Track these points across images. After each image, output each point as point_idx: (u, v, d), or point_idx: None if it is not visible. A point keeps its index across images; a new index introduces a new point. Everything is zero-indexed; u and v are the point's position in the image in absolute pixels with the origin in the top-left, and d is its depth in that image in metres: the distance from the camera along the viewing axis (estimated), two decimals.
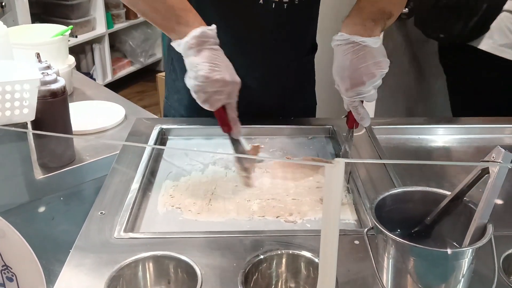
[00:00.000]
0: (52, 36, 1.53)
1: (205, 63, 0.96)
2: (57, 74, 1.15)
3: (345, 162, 0.40)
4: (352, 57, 0.99)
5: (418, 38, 2.24)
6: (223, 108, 1.01)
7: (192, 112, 1.26)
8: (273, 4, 1.15)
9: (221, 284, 0.76)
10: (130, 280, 0.79)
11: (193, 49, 0.97)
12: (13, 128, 1.04)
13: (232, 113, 1.02)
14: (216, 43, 0.99)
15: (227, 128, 1.04)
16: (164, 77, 1.41)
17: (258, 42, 1.20)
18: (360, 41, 0.99)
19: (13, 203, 1.12)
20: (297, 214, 0.95)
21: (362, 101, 1.04)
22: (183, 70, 1.01)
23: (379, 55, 1.00)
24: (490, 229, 0.69)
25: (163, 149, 1.16)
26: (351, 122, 1.07)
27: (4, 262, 0.56)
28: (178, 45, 0.99)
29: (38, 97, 1.07)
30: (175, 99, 1.31)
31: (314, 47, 1.34)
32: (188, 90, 1.01)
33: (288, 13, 1.17)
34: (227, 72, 0.98)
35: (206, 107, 1.00)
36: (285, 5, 1.16)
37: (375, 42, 1.00)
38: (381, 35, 1.04)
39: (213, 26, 0.99)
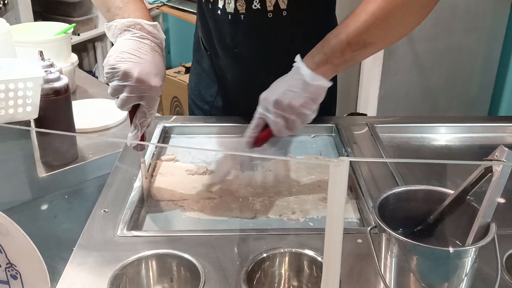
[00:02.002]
0: (55, 34, 1.53)
1: (116, 51, 0.87)
2: (60, 72, 1.15)
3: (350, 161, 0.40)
4: (284, 78, 0.94)
5: (420, 35, 2.24)
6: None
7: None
8: (229, 15, 1.13)
9: (224, 282, 0.76)
10: (133, 278, 0.79)
11: (116, 35, 0.91)
12: (16, 126, 1.04)
13: (138, 118, 0.90)
14: (148, 37, 0.90)
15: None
16: (167, 75, 1.42)
17: (233, 51, 1.18)
18: (301, 69, 0.92)
19: (16, 201, 1.12)
20: (300, 213, 0.95)
21: (266, 125, 0.96)
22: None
23: (309, 91, 0.91)
24: (493, 228, 0.69)
25: (166, 147, 1.16)
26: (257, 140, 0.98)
27: (9, 260, 0.56)
28: (108, 29, 0.93)
29: (41, 95, 1.08)
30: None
31: None
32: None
33: (247, 23, 1.13)
34: (138, 66, 0.86)
35: (117, 105, 0.89)
36: (242, 16, 1.12)
37: (315, 79, 0.91)
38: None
39: (154, 22, 0.91)
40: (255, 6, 1.10)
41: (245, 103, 1.26)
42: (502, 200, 0.95)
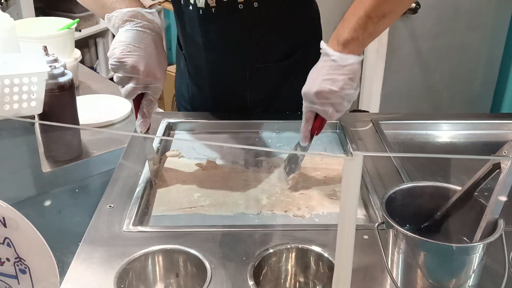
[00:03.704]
0: (58, 29, 1.53)
1: (121, 44, 0.90)
2: (64, 67, 1.15)
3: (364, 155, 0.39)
4: (317, 67, 0.95)
5: (423, 33, 2.24)
6: (141, 98, 0.96)
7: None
8: (200, 10, 1.12)
9: (231, 278, 0.76)
10: (140, 273, 0.79)
11: (118, 25, 0.93)
12: (21, 119, 1.04)
13: (144, 107, 0.95)
14: (149, 26, 0.93)
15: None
16: (168, 72, 1.42)
17: (218, 46, 1.18)
18: (329, 53, 0.92)
19: (21, 196, 1.12)
20: (305, 209, 0.95)
21: (317, 115, 0.97)
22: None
23: (344, 73, 0.91)
24: (501, 224, 0.69)
25: (170, 143, 1.16)
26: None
27: (18, 254, 0.56)
28: (109, 21, 0.95)
29: (45, 90, 1.07)
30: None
31: (303, 48, 1.23)
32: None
33: (218, 17, 1.12)
34: (144, 59, 0.91)
35: (122, 93, 0.94)
36: (213, 9, 1.11)
37: (345, 59, 0.91)
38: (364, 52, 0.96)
39: (152, 10, 0.95)
40: None
41: (222, 99, 1.25)
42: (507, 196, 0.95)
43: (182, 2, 1.16)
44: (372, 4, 0.90)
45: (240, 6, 1.10)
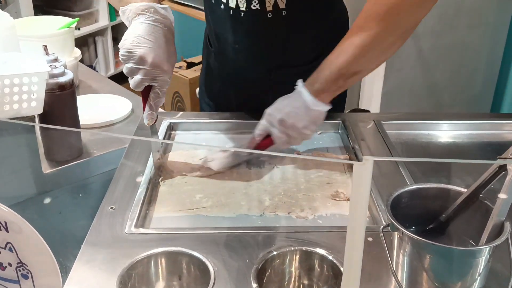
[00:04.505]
0: (58, 28, 1.51)
1: (132, 35, 0.93)
2: (65, 66, 1.14)
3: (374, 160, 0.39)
4: (289, 97, 1.01)
5: (424, 32, 2.23)
6: (149, 90, 0.98)
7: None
8: (231, 10, 1.13)
9: (234, 280, 0.75)
10: (142, 276, 0.79)
11: (131, 18, 0.96)
12: (21, 122, 1.03)
13: (151, 99, 0.98)
14: (161, 21, 0.95)
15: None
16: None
17: (241, 46, 1.19)
18: (303, 94, 0.99)
19: (21, 196, 1.11)
20: (309, 210, 0.94)
21: (269, 135, 1.04)
22: None
23: (310, 115, 0.99)
24: (507, 227, 0.68)
25: (172, 144, 1.15)
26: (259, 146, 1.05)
27: (20, 259, 0.55)
28: (123, 14, 0.98)
29: (46, 90, 1.06)
30: None
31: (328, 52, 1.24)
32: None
33: (246, 21, 1.13)
34: (153, 51, 0.93)
35: (131, 84, 0.96)
36: (242, 13, 1.13)
37: (315, 104, 0.99)
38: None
39: (165, 6, 0.97)
40: (254, 6, 1.11)
41: (244, 98, 1.26)
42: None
43: (213, 1, 1.16)
44: (345, 63, 0.97)
45: (269, 15, 1.11)
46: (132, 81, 0.95)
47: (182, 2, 3.00)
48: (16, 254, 0.55)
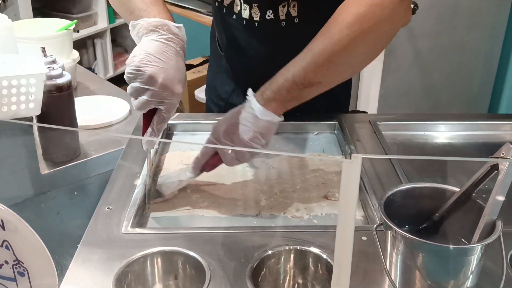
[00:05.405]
0: (56, 30, 1.52)
1: (142, 52, 0.85)
2: (63, 68, 1.15)
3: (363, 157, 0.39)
4: (237, 109, 0.94)
5: (422, 33, 2.24)
6: (152, 114, 0.89)
7: None
8: (244, 21, 1.13)
9: (229, 280, 0.76)
10: (139, 275, 0.79)
11: (141, 34, 0.89)
12: (19, 121, 1.04)
13: (156, 123, 0.89)
14: (174, 40, 0.88)
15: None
16: None
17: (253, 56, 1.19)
18: (252, 103, 0.92)
19: (19, 197, 1.12)
20: (304, 210, 0.95)
21: (216, 153, 0.96)
22: None
23: (257, 126, 0.91)
24: (499, 225, 0.69)
25: (169, 145, 1.16)
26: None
27: (16, 257, 0.56)
28: (133, 28, 0.91)
29: (44, 91, 1.07)
30: None
31: None
32: None
33: (261, 31, 1.13)
34: (163, 72, 0.85)
35: (134, 105, 0.88)
36: (256, 23, 1.12)
37: (264, 114, 0.91)
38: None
39: (180, 25, 0.90)
40: (268, 16, 1.11)
41: None
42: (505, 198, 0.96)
43: (224, 11, 1.16)
44: (301, 70, 0.90)
45: (283, 24, 1.11)
46: (136, 102, 0.86)
47: (180, 4, 3.01)
48: (13, 252, 0.56)
